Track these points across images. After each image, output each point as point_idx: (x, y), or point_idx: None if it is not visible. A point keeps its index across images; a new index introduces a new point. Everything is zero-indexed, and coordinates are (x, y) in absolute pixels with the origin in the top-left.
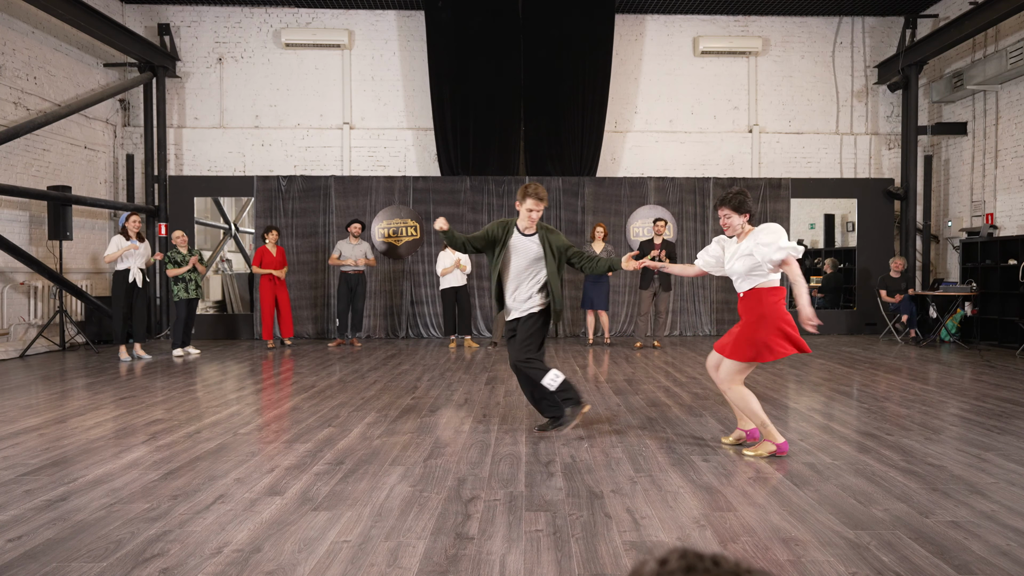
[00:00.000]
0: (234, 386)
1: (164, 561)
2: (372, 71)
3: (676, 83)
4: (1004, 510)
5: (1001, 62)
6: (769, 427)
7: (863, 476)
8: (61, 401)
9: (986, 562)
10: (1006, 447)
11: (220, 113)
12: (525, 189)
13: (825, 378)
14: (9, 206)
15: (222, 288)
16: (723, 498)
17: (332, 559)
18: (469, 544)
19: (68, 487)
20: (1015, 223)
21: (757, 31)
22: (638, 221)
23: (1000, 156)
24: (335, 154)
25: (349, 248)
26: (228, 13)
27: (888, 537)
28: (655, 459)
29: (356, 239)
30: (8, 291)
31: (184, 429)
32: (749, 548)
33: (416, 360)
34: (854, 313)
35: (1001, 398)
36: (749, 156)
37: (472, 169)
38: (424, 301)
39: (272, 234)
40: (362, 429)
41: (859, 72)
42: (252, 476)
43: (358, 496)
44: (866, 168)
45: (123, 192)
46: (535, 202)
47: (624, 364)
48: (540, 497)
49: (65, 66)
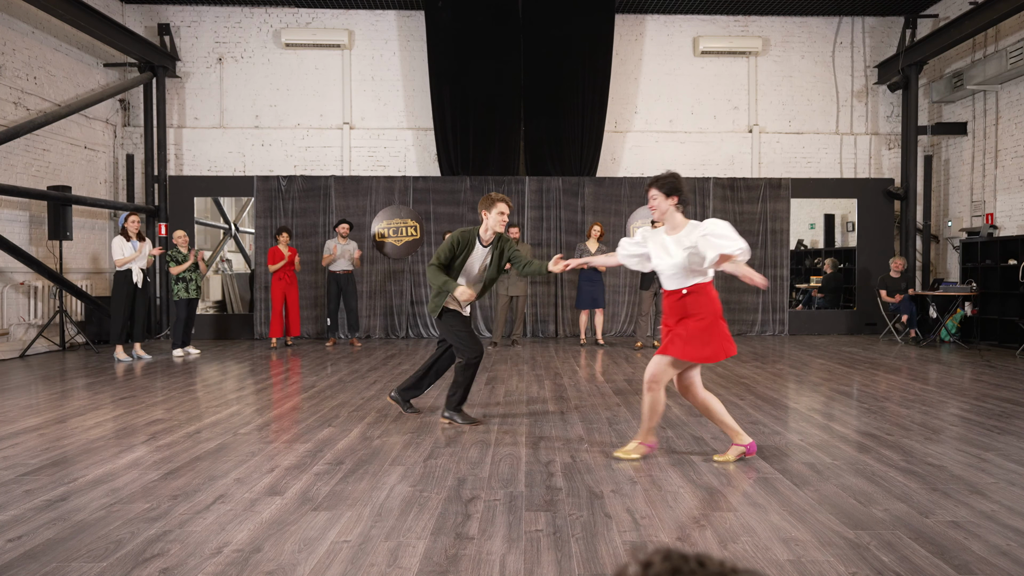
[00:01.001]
0: (234, 386)
1: (164, 561)
2: (372, 71)
3: (676, 83)
4: (1004, 510)
5: (1001, 62)
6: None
7: (863, 476)
8: (61, 401)
9: (986, 562)
10: (1006, 447)
11: (220, 113)
12: (492, 196)
13: (825, 378)
14: (9, 206)
15: (222, 288)
16: (723, 498)
17: (332, 559)
18: (469, 544)
19: (68, 487)
20: (1015, 223)
21: (757, 31)
22: (638, 221)
23: (1000, 156)
24: (335, 154)
25: (340, 247)
26: (228, 13)
27: (888, 537)
28: (655, 459)
29: (344, 239)
30: (8, 291)
31: (184, 429)
32: (749, 548)
33: (416, 360)
34: (854, 313)
35: (1001, 398)
36: (749, 156)
37: (472, 169)
38: (424, 301)
39: (284, 235)
40: (362, 429)
41: (859, 72)
42: (252, 476)
43: (358, 496)
44: (866, 168)
45: (123, 192)
46: (506, 206)
47: (624, 364)
48: (540, 497)
49: (65, 66)
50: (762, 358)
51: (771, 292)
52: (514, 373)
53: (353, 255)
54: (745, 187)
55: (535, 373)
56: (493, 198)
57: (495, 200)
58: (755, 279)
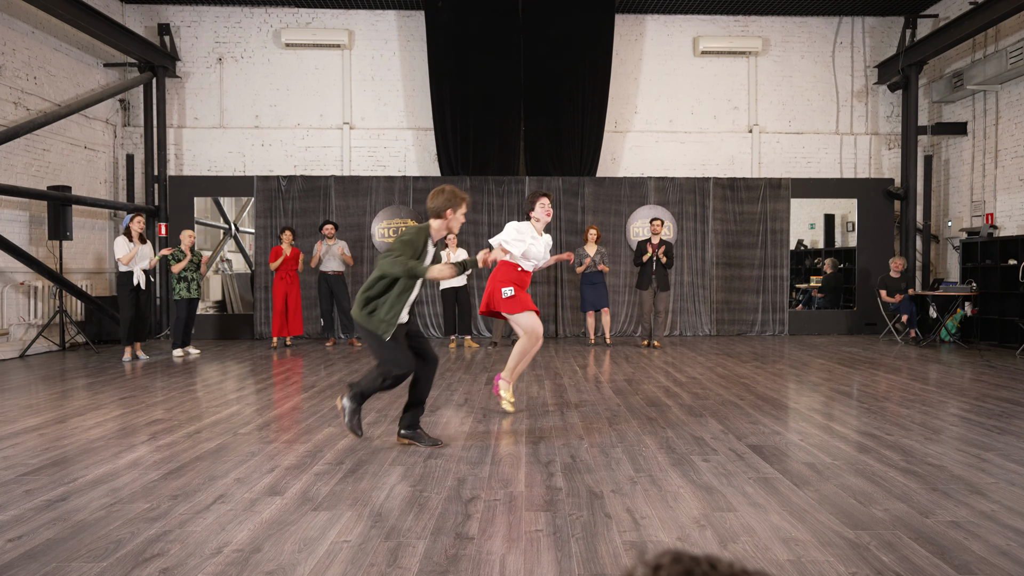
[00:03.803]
0: (234, 386)
1: (164, 561)
2: (372, 71)
3: (676, 83)
4: (1004, 510)
5: (1001, 62)
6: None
7: (863, 476)
8: (61, 401)
9: (986, 562)
10: (1006, 447)
11: (220, 113)
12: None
13: (825, 378)
14: (9, 206)
15: (222, 288)
16: (723, 498)
17: (332, 559)
18: (469, 544)
19: (68, 487)
20: (1015, 223)
21: (757, 31)
22: (638, 221)
23: (1000, 156)
24: (335, 154)
25: (325, 247)
26: (228, 13)
27: (888, 537)
28: (655, 459)
29: (331, 239)
30: (8, 291)
31: (184, 429)
32: (749, 548)
33: None
34: (854, 313)
35: (1001, 398)
36: (749, 156)
37: (472, 169)
38: (424, 301)
39: (287, 234)
40: (362, 429)
41: (859, 72)
42: (252, 476)
43: (358, 496)
44: (866, 168)
45: (123, 192)
46: (467, 205)
47: (624, 364)
48: (540, 497)
49: (65, 66)
50: (762, 358)
51: (771, 292)
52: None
53: (342, 254)
54: (745, 187)
55: (535, 373)
56: (460, 195)
57: (462, 198)
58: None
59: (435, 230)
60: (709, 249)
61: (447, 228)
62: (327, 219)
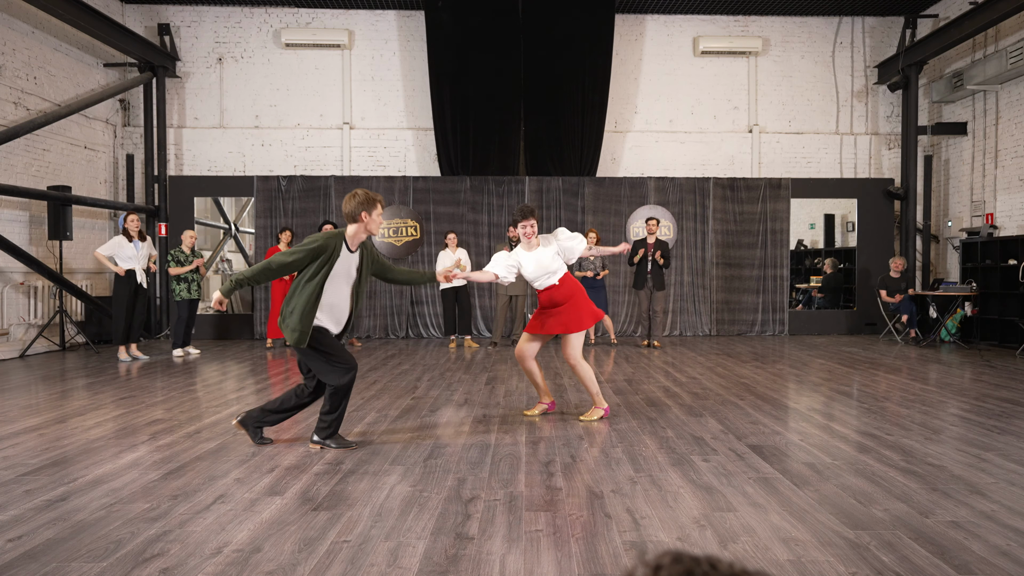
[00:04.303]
0: (234, 386)
1: (164, 561)
2: (372, 71)
3: (676, 83)
4: (1004, 510)
5: (1001, 62)
6: (599, 395)
7: (863, 476)
8: (61, 401)
9: (986, 562)
10: (1006, 447)
11: (220, 113)
12: (370, 195)
13: (825, 378)
14: (9, 206)
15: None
16: (723, 498)
17: (332, 559)
18: (469, 544)
19: (68, 487)
20: (1015, 223)
21: (757, 31)
22: (638, 221)
23: (1000, 156)
24: (335, 154)
25: None
26: (228, 13)
27: (888, 537)
28: (655, 459)
29: None
30: (8, 291)
31: (184, 429)
32: (749, 548)
33: (416, 360)
34: (854, 313)
35: (1001, 398)
36: (749, 156)
37: (472, 169)
38: (424, 301)
39: (286, 234)
40: (362, 429)
41: (859, 72)
42: (252, 476)
43: (358, 496)
44: (866, 168)
45: (123, 192)
46: (381, 206)
47: (624, 364)
48: (540, 497)
49: (65, 66)
50: (762, 358)
51: (771, 292)
52: (514, 373)
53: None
54: (745, 187)
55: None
56: (372, 197)
57: (374, 199)
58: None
59: (352, 235)
60: (709, 249)
61: (366, 231)
62: (327, 219)
